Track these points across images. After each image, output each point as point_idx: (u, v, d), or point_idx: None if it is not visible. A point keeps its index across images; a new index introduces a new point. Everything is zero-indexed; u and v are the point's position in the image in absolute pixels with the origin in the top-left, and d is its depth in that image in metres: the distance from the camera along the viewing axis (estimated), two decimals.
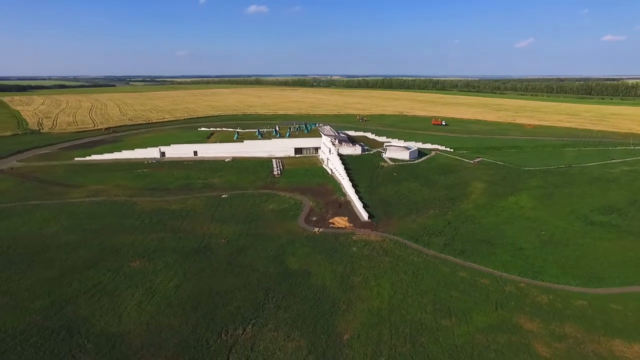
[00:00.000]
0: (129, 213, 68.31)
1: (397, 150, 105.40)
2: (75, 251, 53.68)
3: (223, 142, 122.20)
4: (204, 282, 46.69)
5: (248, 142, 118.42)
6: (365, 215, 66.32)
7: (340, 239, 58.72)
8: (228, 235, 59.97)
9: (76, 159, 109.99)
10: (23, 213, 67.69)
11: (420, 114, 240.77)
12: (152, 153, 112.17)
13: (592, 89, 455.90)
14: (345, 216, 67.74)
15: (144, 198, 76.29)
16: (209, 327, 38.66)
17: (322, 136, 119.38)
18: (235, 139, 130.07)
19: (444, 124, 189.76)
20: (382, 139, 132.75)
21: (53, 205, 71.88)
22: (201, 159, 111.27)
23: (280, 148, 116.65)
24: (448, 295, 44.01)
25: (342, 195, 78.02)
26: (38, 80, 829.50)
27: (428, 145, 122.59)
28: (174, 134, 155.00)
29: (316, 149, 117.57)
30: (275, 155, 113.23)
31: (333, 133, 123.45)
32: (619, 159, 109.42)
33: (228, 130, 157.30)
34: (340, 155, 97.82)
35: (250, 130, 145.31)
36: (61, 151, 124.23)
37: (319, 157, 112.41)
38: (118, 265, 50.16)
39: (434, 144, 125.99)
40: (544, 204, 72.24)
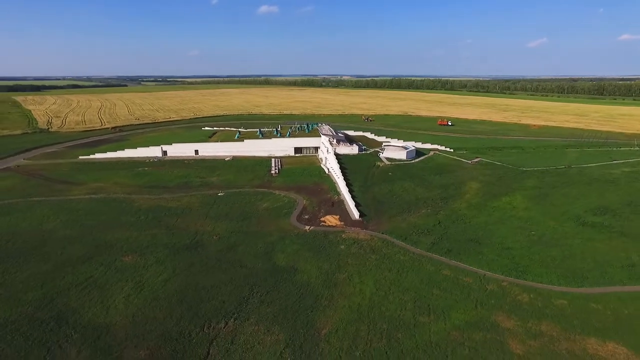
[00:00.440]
0: (126, 210, 69.99)
1: (394, 150, 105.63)
2: (71, 246, 55.36)
3: (224, 142, 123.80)
4: (192, 277, 47.89)
5: (248, 142, 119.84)
6: (356, 214, 66.99)
7: (330, 237, 59.48)
8: (220, 232, 61.19)
9: (80, 157, 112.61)
10: (25, 209, 69.85)
11: (425, 114, 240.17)
12: (154, 152, 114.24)
13: (605, 89, 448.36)
14: (337, 215, 68.47)
15: (142, 196, 77.98)
16: (193, 320, 39.80)
17: (321, 136, 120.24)
18: (237, 138, 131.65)
19: (450, 124, 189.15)
20: (382, 138, 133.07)
21: (54, 201, 73.99)
22: (202, 157, 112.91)
23: (281, 147, 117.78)
24: (429, 293, 44.49)
25: (336, 194, 78.72)
26: (52, 80, 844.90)
27: (428, 145, 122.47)
28: (178, 133, 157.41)
29: (316, 149, 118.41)
30: (275, 155, 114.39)
31: (331, 133, 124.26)
32: (621, 159, 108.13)
33: (230, 129, 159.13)
34: (336, 155, 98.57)
35: (252, 130, 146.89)
36: (67, 149, 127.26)
37: (319, 157, 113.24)
38: (111, 259, 51.66)
39: (435, 144, 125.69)
40: (537, 204, 72.07)
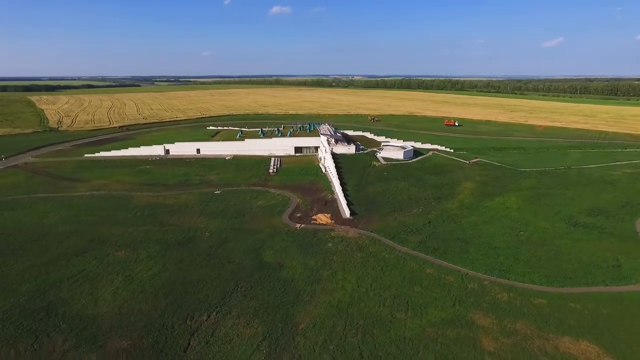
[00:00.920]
0: (124, 206, 71.94)
1: (392, 150, 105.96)
2: (68, 240, 57.36)
3: (226, 141, 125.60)
4: (180, 272, 49.30)
5: (249, 141, 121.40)
6: (347, 212, 67.75)
7: (319, 234, 60.39)
8: (213, 229, 62.60)
9: (86, 155, 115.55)
10: (28, 205, 72.32)
11: (432, 115, 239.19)
12: (157, 150, 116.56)
13: (619, 90, 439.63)
14: (329, 213, 69.34)
15: (141, 193, 79.95)
16: (176, 313, 41.15)
17: (320, 135, 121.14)
18: (238, 137, 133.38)
19: (456, 124, 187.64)
20: (381, 138, 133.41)
21: (57, 198, 76.37)
22: (203, 156, 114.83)
23: (281, 147, 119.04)
24: (410, 290, 45.10)
25: (331, 193, 79.59)
26: (67, 81, 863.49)
27: (427, 145, 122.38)
28: (183, 132, 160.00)
29: (316, 148, 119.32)
30: (275, 154, 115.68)
31: (329, 132, 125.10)
32: (624, 161, 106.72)
33: (233, 129, 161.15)
34: (333, 154, 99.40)
35: (254, 130, 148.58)
36: (74, 148, 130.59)
37: (318, 156, 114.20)
38: (104, 254, 53.46)
39: (436, 144, 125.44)
40: (531, 205, 71.88)
